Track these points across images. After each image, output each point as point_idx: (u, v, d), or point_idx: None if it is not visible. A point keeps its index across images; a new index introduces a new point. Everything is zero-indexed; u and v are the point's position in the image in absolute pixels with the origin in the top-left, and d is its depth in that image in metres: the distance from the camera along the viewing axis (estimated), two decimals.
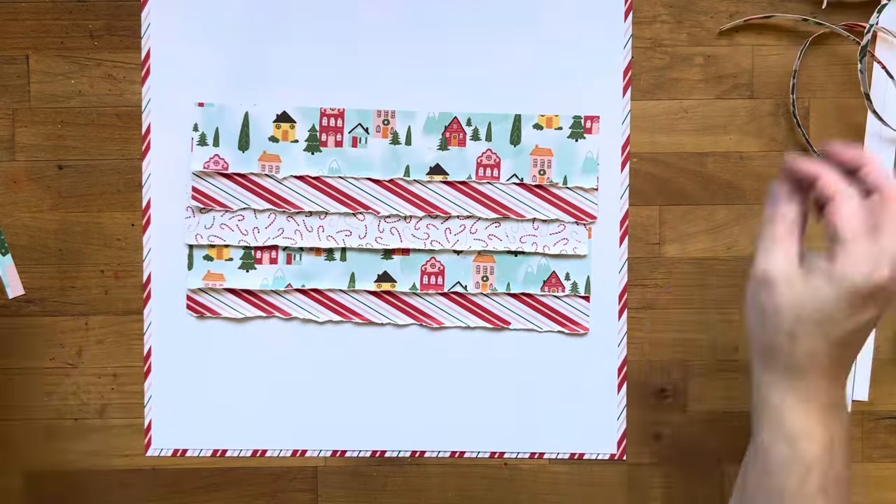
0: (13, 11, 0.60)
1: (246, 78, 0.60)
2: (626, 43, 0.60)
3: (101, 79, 0.60)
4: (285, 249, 0.60)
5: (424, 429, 0.61)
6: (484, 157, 0.60)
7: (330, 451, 0.61)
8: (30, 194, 0.60)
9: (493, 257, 0.60)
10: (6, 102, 0.60)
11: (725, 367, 0.61)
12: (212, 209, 0.60)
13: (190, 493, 0.61)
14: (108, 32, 0.60)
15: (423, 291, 0.60)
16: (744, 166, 0.61)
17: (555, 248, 0.60)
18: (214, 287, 0.60)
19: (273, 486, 0.61)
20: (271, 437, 0.61)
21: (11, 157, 0.60)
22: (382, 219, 0.60)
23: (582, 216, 0.60)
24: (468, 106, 0.60)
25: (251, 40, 0.60)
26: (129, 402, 0.60)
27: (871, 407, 0.61)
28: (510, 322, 0.60)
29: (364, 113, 0.60)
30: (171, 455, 0.61)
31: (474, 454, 0.61)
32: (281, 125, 0.60)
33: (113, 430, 0.60)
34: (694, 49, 0.60)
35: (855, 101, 0.60)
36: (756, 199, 0.61)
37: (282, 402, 0.61)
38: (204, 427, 0.61)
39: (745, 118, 0.60)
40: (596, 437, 0.61)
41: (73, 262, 0.60)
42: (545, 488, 0.61)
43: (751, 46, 0.60)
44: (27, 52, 0.60)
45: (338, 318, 0.60)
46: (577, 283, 0.60)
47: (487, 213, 0.60)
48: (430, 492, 0.61)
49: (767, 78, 0.60)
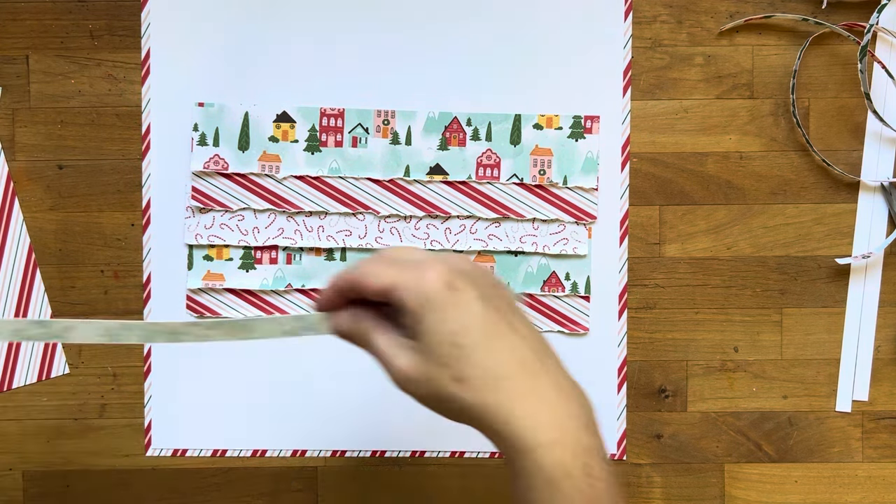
0: (13, 11, 0.60)
1: (246, 78, 0.60)
2: (626, 43, 0.60)
3: (101, 79, 0.60)
4: (285, 249, 0.60)
5: (424, 429, 0.61)
6: (484, 157, 0.60)
7: (330, 451, 0.61)
8: (30, 194, 0.60)
9: (493, 257, 0.60)
10: (6, 102, 0.60)
11: (725, 367, 0.61)
12: (212, 209, 0.60)
13: (190, 493, 0.61)
14: (108, 32, 0.60)
15: None
16: (744, 166, 0.61)
17: (555, 248, 0.60)
18: (214, 287, 0.60)
19: (273, 486, 0.61)
20: (271, 437, 0.61)
21: (11, 157, 0.60)
22: (382, 219, 0.60)
23: (582, 216, 0.60)
24: (468, 106, 0.60)
25: (251, 40, 0.60)
26: (129, 402, 0.60)
27: (871, 407, 0.61)
28: None
29: (364, 113, 0.60)
30: (170, 455, 0.61)
31: (474, 454, 0.61)
32: (281, 125, 0.60)
33: (113, 430, 0.60)
34: (694, 49, 0.60)
35: (855, 101, 0.60)
36: (756, 199, 0.61)
37: (282, 402, 0.61)
38: (204, 427, 0.61)
39: (745, 118, 0.60)
40: None
41: (73, 262, 0.60)
42: None
43: (751, 46, 0.60)
44: (27, 52, 0.60)
45: None
46: (577, 283, 0.60)
47: (487, 213, 0.60)
48: (430, 492, 0.61)
49: (767, 78, 0.60)
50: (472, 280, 0.40)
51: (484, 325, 0.39)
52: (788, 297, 0.61)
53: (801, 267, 0.61)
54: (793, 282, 0.61)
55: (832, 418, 0.61)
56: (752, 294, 0.61)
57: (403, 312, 0.40)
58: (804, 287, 0.61)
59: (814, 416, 0.61)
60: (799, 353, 0.61)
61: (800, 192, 0.61)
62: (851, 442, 0.61)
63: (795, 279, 0.61)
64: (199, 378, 0.60)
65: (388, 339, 0.42)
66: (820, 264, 0.61)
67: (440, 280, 0.39)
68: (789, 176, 0.61)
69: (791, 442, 0.61)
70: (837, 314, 0.61)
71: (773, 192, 0.61)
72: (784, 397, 0.61)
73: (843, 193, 0.61)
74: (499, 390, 0.39)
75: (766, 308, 0.61)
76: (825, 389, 0.61)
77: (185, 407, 0.60)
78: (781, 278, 0.61)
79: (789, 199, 0.61)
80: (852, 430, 0.61)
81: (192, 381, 0.60)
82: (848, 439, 0.61)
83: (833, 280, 0.61)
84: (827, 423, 0.61)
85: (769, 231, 0.61)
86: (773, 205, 0.61)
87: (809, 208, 0.61)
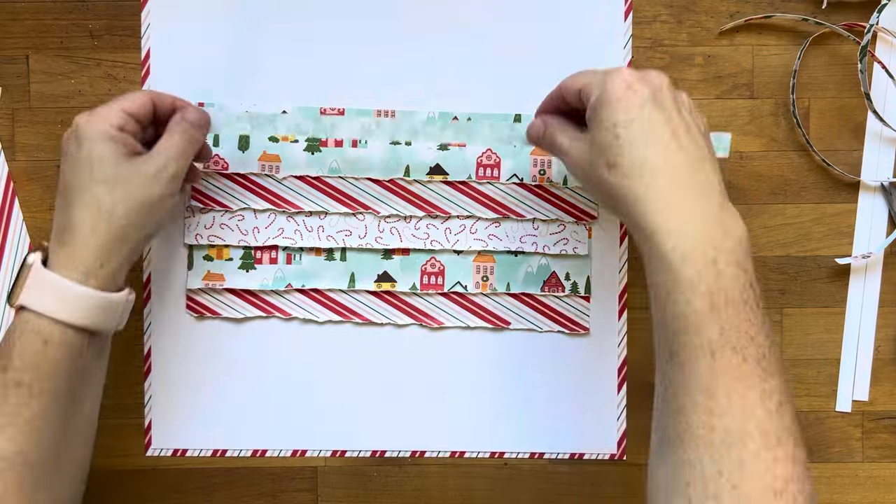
0: (13, 11, 0.60)
1: (246, 78, 0.60)
2: (626, 43, 0.60)
3: (101, 79, 0.60)
4: (285, 249, 0.60)
5: (424, 429, 0.61)
6: (484, 157, 0.60)
7: (330, 451, 0.61)
8: (30, 194, 0.60)
9: (493, 257, 0.60)
10: (6, 102, 0.60)
11: None
12: (212, 209, 0.60)
13: (190, 493, 0.61)
14: (108, 32, 0.60)
15: (423, 291, 0.60)
16: (744, 166, 0.61)
17: (555, 248, 0.60)
18: (214, 287, 0.60)
19: (273, 486, 0.61)
20: (271, 437, 0.61)
21: (11, 157, 0.60)
22: (382, 219, 0.60)
23: (582, 216, 0.60)
24: (468, 106, 0.60)
25: (251, 40, 0.60)
26: (129, 402, 0.60)
27: (871, 407, 0.61)
28: (510, 322, 0.60)
29: (364, 113, 0.60)
30: (171, 455, 0.61)
31: (474, 454, 0.61)
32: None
33: (113, 430, 0.60)
34: (694, 49, 0.60)
35: (855, 101, 0.60)
36: (756, 199, 0.61)
37: (282, 402, 0.61)
38: (204, 427, 0.61)
39: (745, 118, 0.60)
40: (596, 437, 0.61)
41: None
42: (545, 488, 0.61)
43: (751, 46, 0.60)
44: (27, 52, 0.60)
45: (338, 318, 0.60)
46: (577, 283, 0.60)
47: (487, 213, 0.60)
48: (430, 492, 0.61)
49: (767, 78, 0.60)
50: (652, 87, 0.45)
51: (646, 124, 0.45)
52: (788, 297, 0.61)
53: (800, 267, 0.61)
54: (793, 282, 0.61)
55: (832, 418, 0.61)
56: None
57: (589, 109, 0.47)
58: (804, 287, 0.61)
59: (814, 416, 0.61)
60: (799, 353, 0.61)
61: (800, 192, 0.61)
62: (851, 442, 0.61)
63: (795, 279, 0.61)
64: (199, 378, 0.60)
65: (567, 135, 0.50)
66: (820, 264, 0.61)
67: (623, 80, 0.46)
68: (789, 176, 0.61)
69: None
70: (837, 314, 0.61)
71: (773, 192, 0.61)
72: None
73: (843, 193, 0.61)
74: (640, 179, 0.44)
75: (766, 308, 0.61)
76: (825, 389, 0.61)
77: (185, 407, 0.60)
78: (781, 278, 0.61)
79: (789, 199, 0.61)
80: (852, 430, 0.61)
81: (192, 381, 0.60)
82: (848, 439, 0.61)
83: (833, 280, 0.61)
84: (827, 423, 0.61)
85: (769, 231, 0.61)
86: (772, 205, 0.61)
87: (809, 208, 0.61)
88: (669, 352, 0.44)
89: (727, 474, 0.41)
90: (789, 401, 0.43)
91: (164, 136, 0.52)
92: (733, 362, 0.42)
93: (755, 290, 0.44)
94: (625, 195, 0.45)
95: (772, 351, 0.43)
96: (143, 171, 0.50)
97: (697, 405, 0.42)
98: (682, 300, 0.43)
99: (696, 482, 0.41)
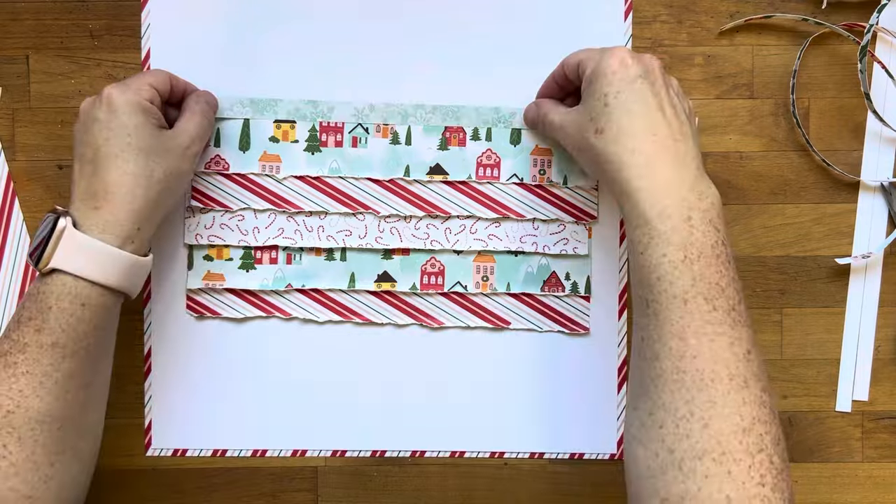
0: (13, 11, 0.60)
1: (246, 78, 0.60)
2: (626, 43, 0.60)
3: (101, 79, 0.60)
4: (285, 249, 0.60)
5: (424, 429, 0.61)
6: (484, 157, 0.60)
7: (330, 451, 0.61)
8: (30, 194, 0.60)
9: (493, 257, 0.60)
10: (6, 102, 0.60)
11: None
12: (212, 209, 0.60)
13: (190, 493, 0.61)
14: (108, 32, 0.60)
15: (424, 291, 0.60)
16: (744, 166, 0.61)
17: (555, 248, 0.60)
18: (214, 287, 0.60)
19: (273, 486, 0.61)
20: (271, 437, 0.61)
21: (11, 157, 0.60)
22: (382, 219, 0.60)
23: (582, 216, 0.60)
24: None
25: (252, 41, 0.60)
26: (129, 402, 0.60)
27: (871, 407, 0.61)
28: (510, 322, 0.60)
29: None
30: (171, 455, 0.61)
31: (474, 454, 0.61)
32: (281, 125, 0.60)
33: (113, 430, 0.60)
34: (694, 49, 0.60)
35: (855, 101, 0.60)
36: (756, 199, 0.61)
37: (282, 402, 0.61)
38: (204, 427, 0.61)
39: (745, 118, 0.60)
40: (596, 437, 0.61)
41: None
42: (545, 488, 0.61)
43: (751, 46, 0.60)
44: (27, 52, 0.60)
45: (338, 318, 0.60)
46: (577, 283, 0.60)
47: (487, 213, 0.60)
48: (430, 492, 0.61)
49: (767, 78, 0.60)
50: (645, 66, 0.49)
51: (635, 95, 0.48)
52: (788, 297, 0.61)
53: (800, 267, 0.61)
54: (792, 282, 0.61)
55: (832, 418, 0.61)
56: (752, 294, 0.61)
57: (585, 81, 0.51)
58: (804, 287, 0.61)
59: (813, 416, 0.61)
60: (799, 353, 0.61)
61: (799, 192, 0.61)
62: (851, 442, 0.61)
63: (795, 279, 0.61)
64: (199, 378, 0.60)
65: (559, 111, 0.54)
66: (820, 264, 0.61)
67: (618, 57, 0.49)
68: (789, 176, 0.61)
69: (791, 442, 0.61)
70: (837, 314, 0.61)
71: (773, 192, 0.61)
72: (784, 397, 0.61)
73: (843, 193, 0.61)
74: (624, 144, 0.48)
75: (766, 308, 0.61)
76: (825, 389, 0.61)
77: (185, 407, 0.60)
78: (781, 278, 0.61)
79: (789, 199, 0.61)
80: (852, 430, 0.61)
81: (192, 381, 0.60)
82: (848, 439, 0.61)
83: (833, 280, 0.61)
84: (827, 423, 0.61)
85: (769, 231, 0.61)
86: (772, 205, 0.61)
87: (809, 208, 0.61)
88: (645, 301, 0.46)
89: (698, 413, 0.43)
90: (758, 352, 0.45)
91: (186, 115, 0.55)
92: (704, 308, 0.45)
93: (727, 249, 0.46)
94: (611, 160, 0.48)
95: (742, 304, 0.46)
96: (175, 144, 0.53)
97: (671, 350, 0.45)
98: (658, 252, 0.46)
99: (668, 423, 0.44)
